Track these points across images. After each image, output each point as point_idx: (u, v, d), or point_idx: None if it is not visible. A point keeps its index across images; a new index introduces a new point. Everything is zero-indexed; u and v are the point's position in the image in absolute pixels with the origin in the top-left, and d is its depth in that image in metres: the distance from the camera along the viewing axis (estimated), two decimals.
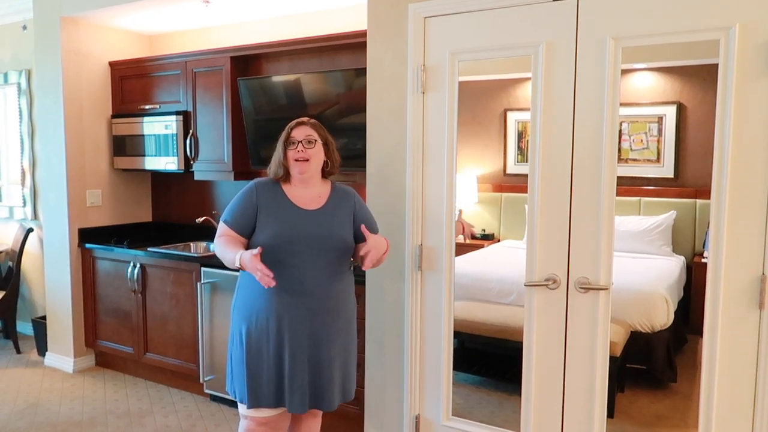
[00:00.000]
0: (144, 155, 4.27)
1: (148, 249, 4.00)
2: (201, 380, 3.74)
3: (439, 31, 2.62)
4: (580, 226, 2.36)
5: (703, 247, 3.20)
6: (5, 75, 5.04)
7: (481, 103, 3.07)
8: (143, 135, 4.24)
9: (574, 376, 2.43)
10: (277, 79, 3.72)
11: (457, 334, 2.88)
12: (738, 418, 2.16)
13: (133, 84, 4.34)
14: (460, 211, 3.67)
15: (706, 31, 2.11)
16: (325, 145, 2.34)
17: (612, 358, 2.39)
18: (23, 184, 5.00)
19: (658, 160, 3.41)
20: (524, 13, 2.42)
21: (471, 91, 2.95)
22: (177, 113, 4.07)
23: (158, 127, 4.16)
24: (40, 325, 4.59)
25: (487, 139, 2.97)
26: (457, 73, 2.60)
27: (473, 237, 3.77)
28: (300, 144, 2.27)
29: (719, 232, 2.11)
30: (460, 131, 2.65)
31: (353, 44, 3.37)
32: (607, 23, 2.25)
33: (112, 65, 4.41)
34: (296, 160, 2.27)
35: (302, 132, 2.29)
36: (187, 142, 4.05)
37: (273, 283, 2.05)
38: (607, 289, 2.32)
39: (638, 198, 3.47)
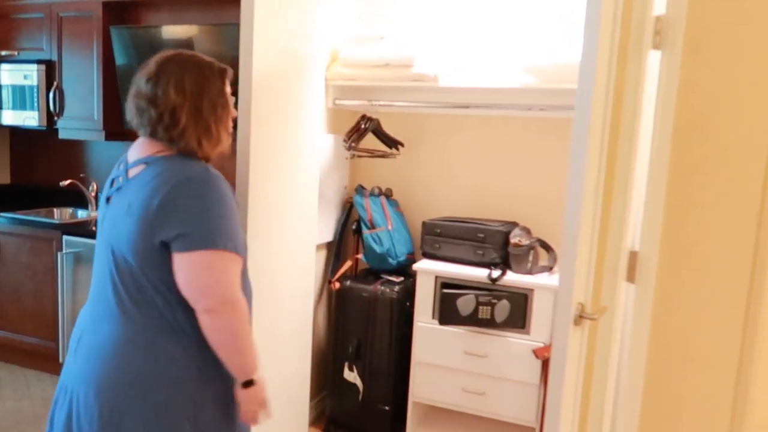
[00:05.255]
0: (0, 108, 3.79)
1: (2, 214, 3.57)
2: (61, 360, 3.42)
3: None
4: None
5: None
6: None
7: None
8: None
9: None
10: (155, 29, 3.39)
11: None
12: None
13: None
14: None
15: None
16: None
17: None
18: None
19: None
20: None
21: None
22: (39, 62, 3.65)
23: (17, 76, 3.71)
24: None
25: None
26: None
27: None
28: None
29: None
30: None
31: None
32: None
33: None
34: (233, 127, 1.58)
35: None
36: (51, 95, 3.63)
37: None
38: None
39: None
